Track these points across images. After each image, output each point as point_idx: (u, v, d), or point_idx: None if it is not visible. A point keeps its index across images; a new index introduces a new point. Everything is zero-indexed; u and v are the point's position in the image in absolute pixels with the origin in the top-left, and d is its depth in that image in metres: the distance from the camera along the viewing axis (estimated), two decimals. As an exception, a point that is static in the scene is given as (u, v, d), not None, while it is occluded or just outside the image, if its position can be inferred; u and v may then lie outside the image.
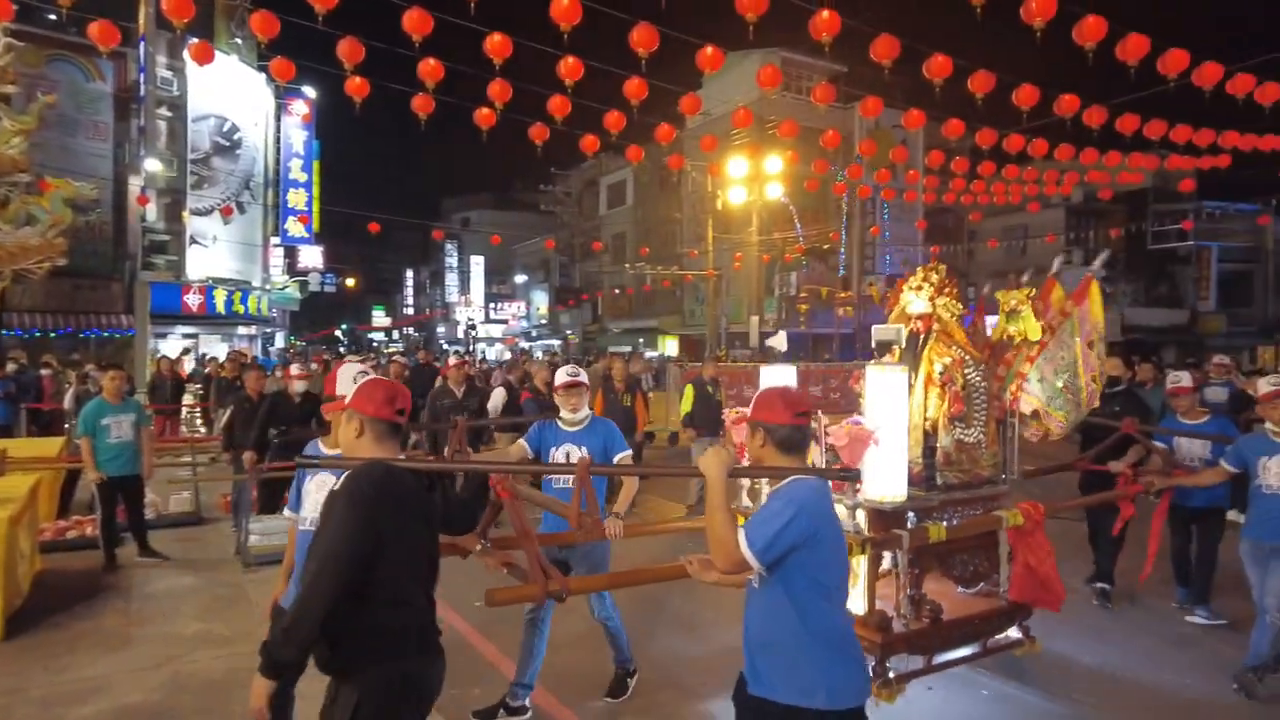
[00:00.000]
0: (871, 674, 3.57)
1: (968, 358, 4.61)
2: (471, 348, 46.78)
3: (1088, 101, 10.20)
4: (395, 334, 71.67)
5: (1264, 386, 4.86)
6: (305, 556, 2.60)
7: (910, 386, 4.30)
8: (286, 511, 3.58)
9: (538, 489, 4.59)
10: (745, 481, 4.61)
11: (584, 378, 4.61)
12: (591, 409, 4.81)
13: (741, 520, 2.62)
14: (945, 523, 4.36)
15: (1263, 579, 4.67)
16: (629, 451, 4.67)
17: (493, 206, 60.23)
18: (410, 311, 69.53)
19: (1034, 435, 4.95)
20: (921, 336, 4.65)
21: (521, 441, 4.53)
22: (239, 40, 25.51)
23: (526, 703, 4.31)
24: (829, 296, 31.15)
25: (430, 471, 2.77)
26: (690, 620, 5.86)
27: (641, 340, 39.13)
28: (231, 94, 25.37)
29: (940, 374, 4.52)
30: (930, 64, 8.40)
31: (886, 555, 4.30)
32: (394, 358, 16.91)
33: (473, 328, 50.90)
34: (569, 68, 8.35)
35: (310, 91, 28.74)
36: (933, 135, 17.05)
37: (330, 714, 2.46)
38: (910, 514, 4.22)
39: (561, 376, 4.56)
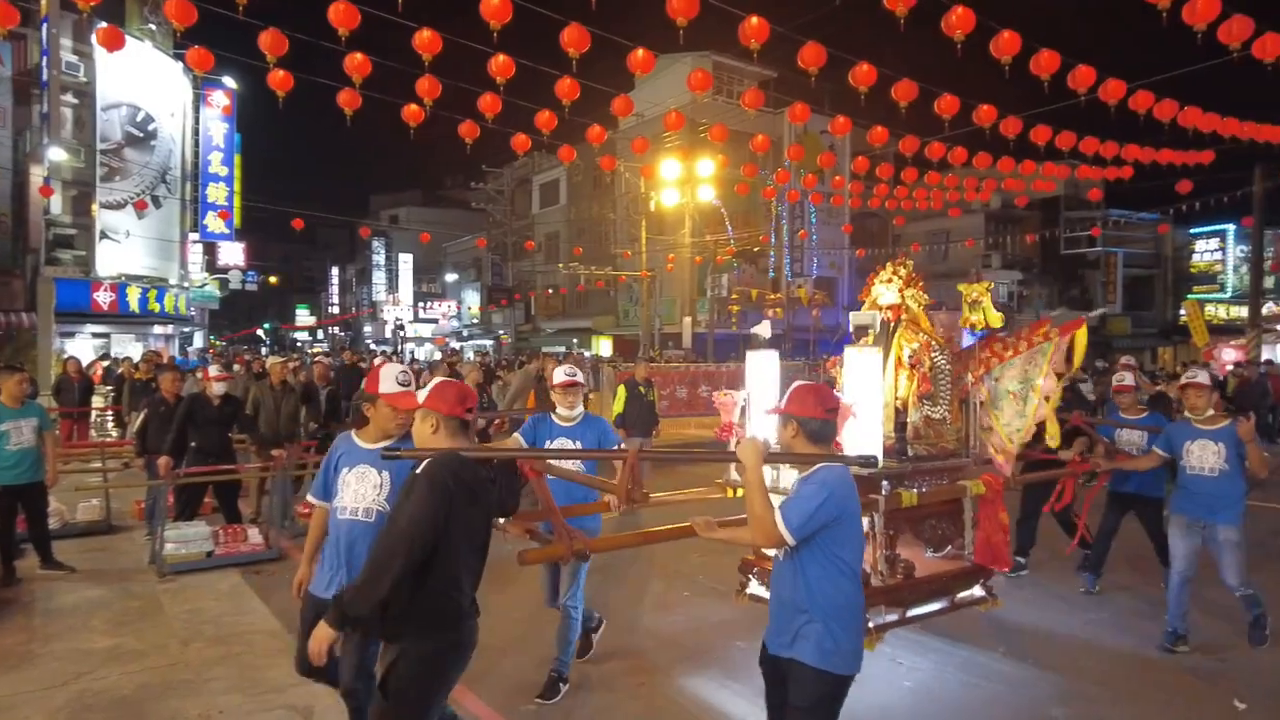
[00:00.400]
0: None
1: (934, 343, 5.08)
2: (400, 348, 45.84)
3: (1004, 112, 10.64)
4: (320, 333, 69.74)
5: (1184, 378, 5.45)
6: (350, 537, 3.29)
7: (883, 369, 4.80)
8: (312, 498, 3.71)
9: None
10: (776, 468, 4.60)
11: (580, 377, 4.82)
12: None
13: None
14: (915, 490, 4.75)
15: (1189, 551, 5.19)
16: (619, 440, 5.03)
17: (422, 204, 59.16)
18: (336, 310, 67.72)
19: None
20: (892, 324, 5.14)
21: (517, 435, 4.70)
22: (153, 26, 24.39)
23: (565, 675, 4.56)
24: (759, 298, 31.63)
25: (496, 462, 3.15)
26: (664, 600, 6.17)
27: (575, 340, 39.00)
28: (145, 82, 24.22)
29: (909, 357, 5.05)
30: (855, 72, 8.62)
31: (864, 519, 4.51)
32: (318, 358, 16.44)
33: (401, 327, 49.86)
34: (500, 66, 8.27)
35: (231, 83, 27.70)
36: (859, 141, 17.46)
37: (392, 676, 2.78)
38: (885, 481, 4.61)
39: (560, 376, 4.72)
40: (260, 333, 69.46)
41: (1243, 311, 25.05)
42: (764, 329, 5.70)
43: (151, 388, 9.93)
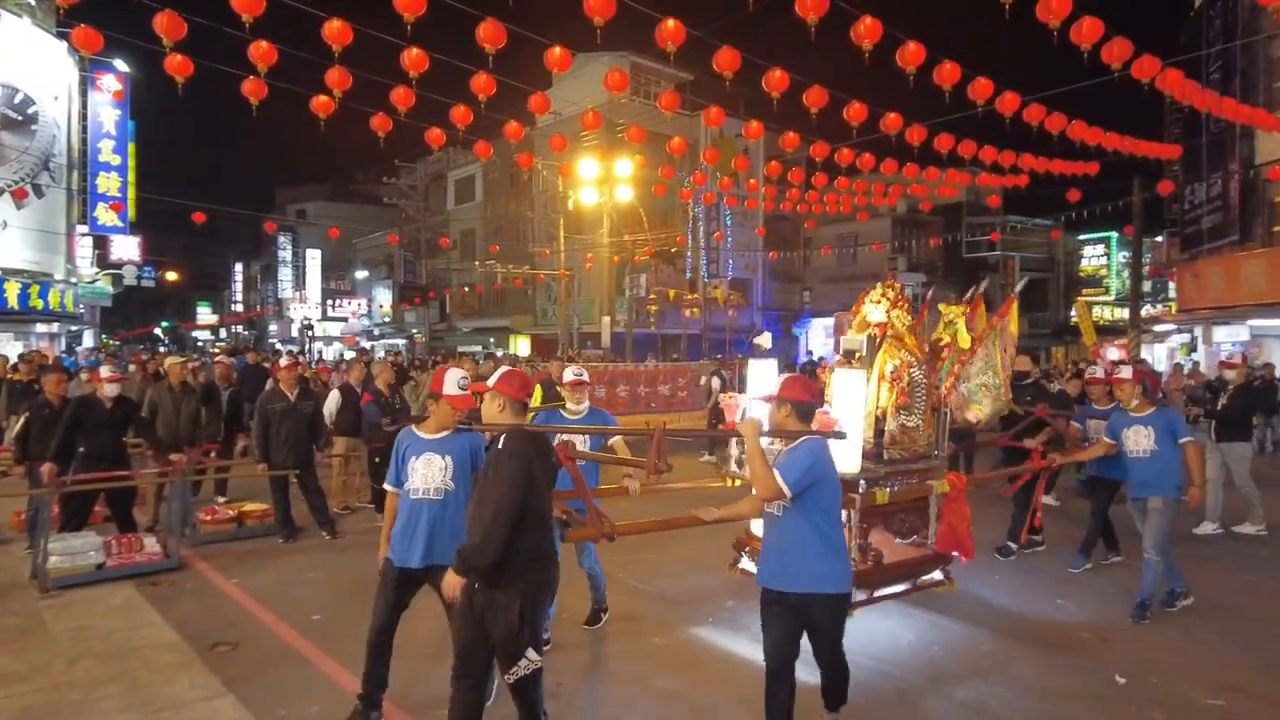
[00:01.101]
0: None
1: (913, 359, 5.73)
2: (307, 347, 44.27)
3: (909, 121, 11.05)
4: (223, 332, 66.73)
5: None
6: (423, 513, 3.92)
7: (867, 382, 5.55)
8: (387, 485, 4.18)
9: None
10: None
11: (586, 377, 5.50)
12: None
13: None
14: (888, 489, 5.48)
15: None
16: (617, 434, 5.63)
17: (331, 198, 57.28)
18: (240, 308, 64.94)
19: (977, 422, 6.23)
20: (878, 340, 5.75)
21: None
22: (32, 2, 22.81)
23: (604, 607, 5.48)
24: (677, 298, 31.93)
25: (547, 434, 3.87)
26: (659, 569, 6.86)
27: (493, 340, 38.49)
28: (24, 62, 22.57)
29: (891, 372, 5.67)
30: (769, 78, 8.80)
31: (842, 513, 4.90)
32: (218, 358, 15.69)
33: (309, 326, 48.15)
34: (413, 59, 8.11)
35: (124, 66, 26.12)
36: (772, 146, 17.90)
37: (493, 615, 3.36)
38: (862, 482, 5.28)
39: (569, 375, 5.38)
40: (158, 331, 65.95)
41: (1125, 313, 26.74)
42: (765, 340, 6.48)
43: (34, 390, 9.28)
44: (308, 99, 9.11)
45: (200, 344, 59.39)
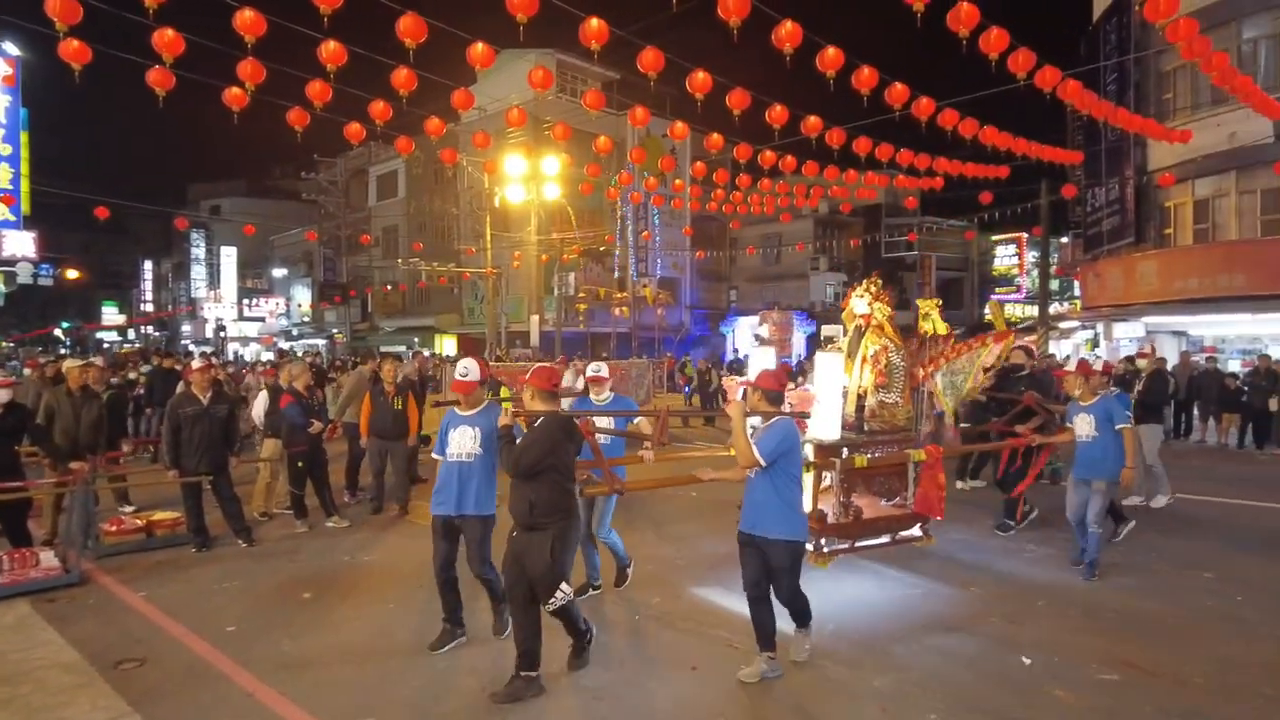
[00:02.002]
0: (811, 549, 6.10)
1: (892, 345, 6.74)
2: (222, 348, 42.55)
3: (829, 124, 11.31)
4: (131, 333, 63.54)
5: (1067, 365, 7.07)
6: (457, 472, 4.90)
7: (852, 363, 6.71)
8: (435, 454, 5.09)
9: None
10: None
11: (605, 372, 6.32)
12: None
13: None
14: (868, 455, 6.51)
15: (1078, 502, 6.52)
16: (640, 417, 6.67)
17: (248, 194, 55.26)
18: (149, 308, 61.93)
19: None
20: (863, 328, 6.77)
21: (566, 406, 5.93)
22: (-86, -18, 21.26)
23: (599, 581, 6.20)
24: (606, 296, 31.94)
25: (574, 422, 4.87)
26: (673, 534, 7.69)
27: (417, 339, 37.72)
28: (-97, 45, 21.10)
29: (872, 355, 6.69)
30: (692, 79, 8.88)
31: (827, 475, 6.53)
32: (91, 361, 14.81)
33: (222, 327, 46.26)
34: (330, 53, 7.89)
35: (13, 49, 24.59)
36: (698, 146, 18.06)
37: (530, 554, 4.37)
38: (844, 449, 6.39)
39: (590, 372, 6.31)
40: (58, 333, 62.32)
41: (1035, 310, 27.96)
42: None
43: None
44: (220, 90, 8.77)
45: (106, 346, 56.38)
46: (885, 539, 6.72)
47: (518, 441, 4.48)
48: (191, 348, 44.14)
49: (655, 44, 8.36)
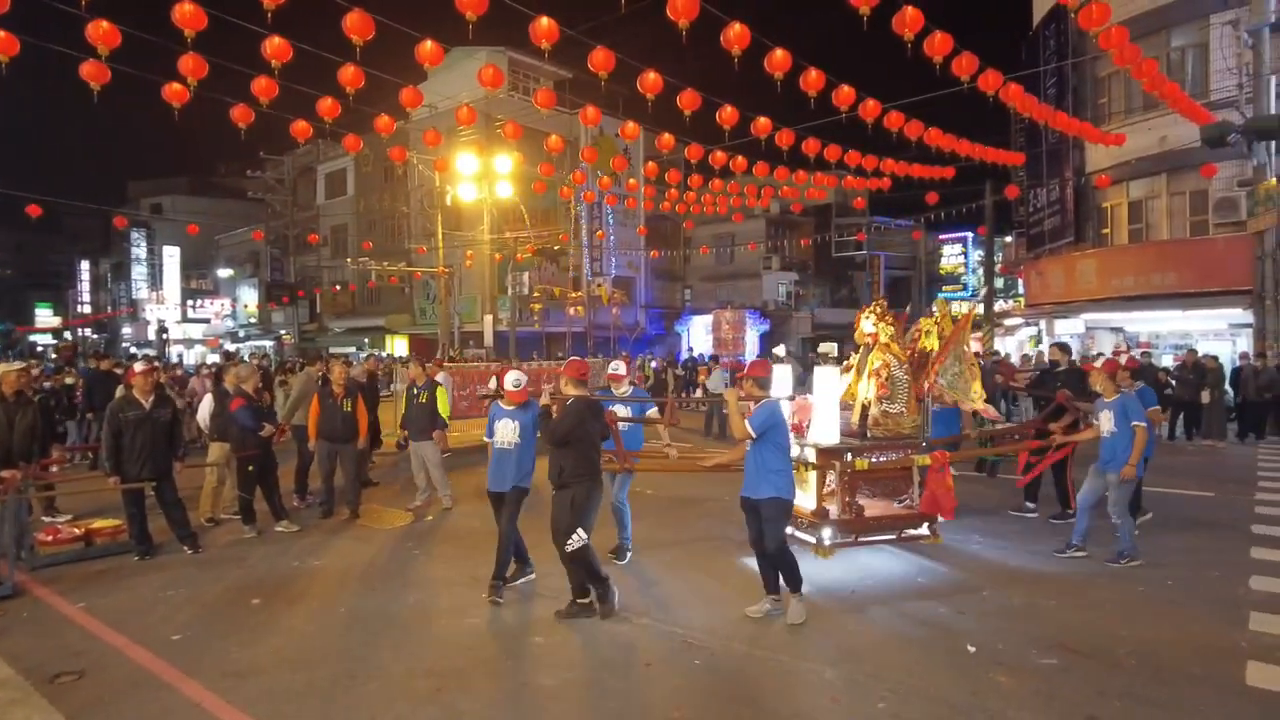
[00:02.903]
0: (815, 541, 6.97)
1: (895, 360, 7.42)
2: (165, 351, 41.31)
3: (778, 125, 11.46)
4: (68, 335, 61.26)
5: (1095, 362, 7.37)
6: (502, 456, 6.10)
7: (859, 376, 7.62)
8: (485, 437, 6.31)
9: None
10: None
11: (623, 370, 7.62)
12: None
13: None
14: (869, 459, 7.10)
15: (1092, 488, 6.96)
16: (654, 407, 7.90)
17: (190, 192, 53.71)
18: (87, 310, 59.82)
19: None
20: (870, 346, 7.58)
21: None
22: None
23: (629, 546, 7.13)
24: (561, 296, 31.83)
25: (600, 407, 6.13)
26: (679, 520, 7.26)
27: (367, 340, 37.16)
28: None
29: (876, 369, 7.40)
30: (643, 79, 8.93)
31: (832, 476, 7.04)
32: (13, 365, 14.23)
33: (164, 330, 44.83)
34: (275, 48, 7.76)
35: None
36: (651, 146, 18.15)
37: (557, 507, 5.58)
38: (847, 453, 7.04)
39: (610, 370, 7.52)
40: (-12, 335, 59.85)
41: (980, 308, 28.70)
42: (782, 350, 8.48)
43: None
44: (159, 86, 8.54)
45: (41, 349, 54.31)
46: (891, 535, 7.29)
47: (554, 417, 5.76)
48: (134, 350, 42.81)
49: (606, 43, 8.40)
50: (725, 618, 5.61)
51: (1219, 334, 18.50)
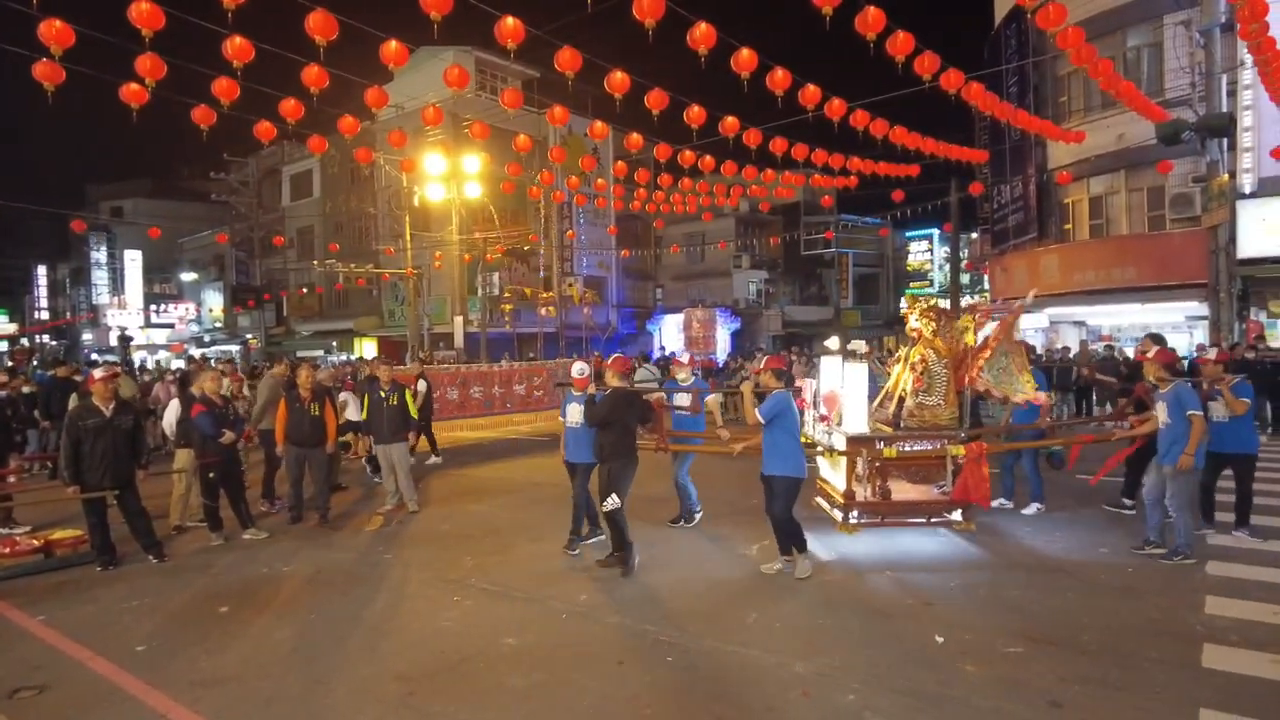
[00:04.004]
0: (841, 519, 7.58)
1: (934, 355, 7.79)
2: (127, 357, 40.46)
3: (746, 124, 11.53)
4: (25, 342, 59.71)
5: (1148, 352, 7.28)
6: (574, 434, 7.22)
7: (905, 369, 8.02)
8: (560, 417, 7.52)
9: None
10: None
11: (685, 359, 8.97)
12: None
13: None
14: (897, 448, 7.46)
15: (1155, 481, 6.90)
16: (708, 389, 8.87)
17: (153, 195, 52.63)
18: (45, 316, 58.42)
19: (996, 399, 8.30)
20: (915, 341, 7.97)
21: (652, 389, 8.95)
22: None
23: (696, 510, 8.30)
24: (532, 296, 31.68)
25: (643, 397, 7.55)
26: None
27: (335, 343, 36.71)
28: None
29: (914, 363, 7.86)
30: (610, 79, 8.93)
31: (861, 462, 7.45)
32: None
33: (128, 338, 43.85)
34: (237, 48, 7.65)
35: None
36: (620, 146, 18.18)
37: (601, 476, 6.76)
38: (879, 441, 7.47)
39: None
40: (-61, 344, 58.19)
41: (947, 304, 29.07)
42: (834, 342, 8.83)
43: None
44: (116, 86, 8.39)
45: (-4, 356, 52.94)
46: (920, 519, 7.69)
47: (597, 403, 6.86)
48: (94, 356, 41.89)
49: (573, 43, 8.39)
50: (697, 614, 5.65)
51: (1176, 326, 18.93)
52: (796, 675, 4.64)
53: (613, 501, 6.55)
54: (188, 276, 49.31)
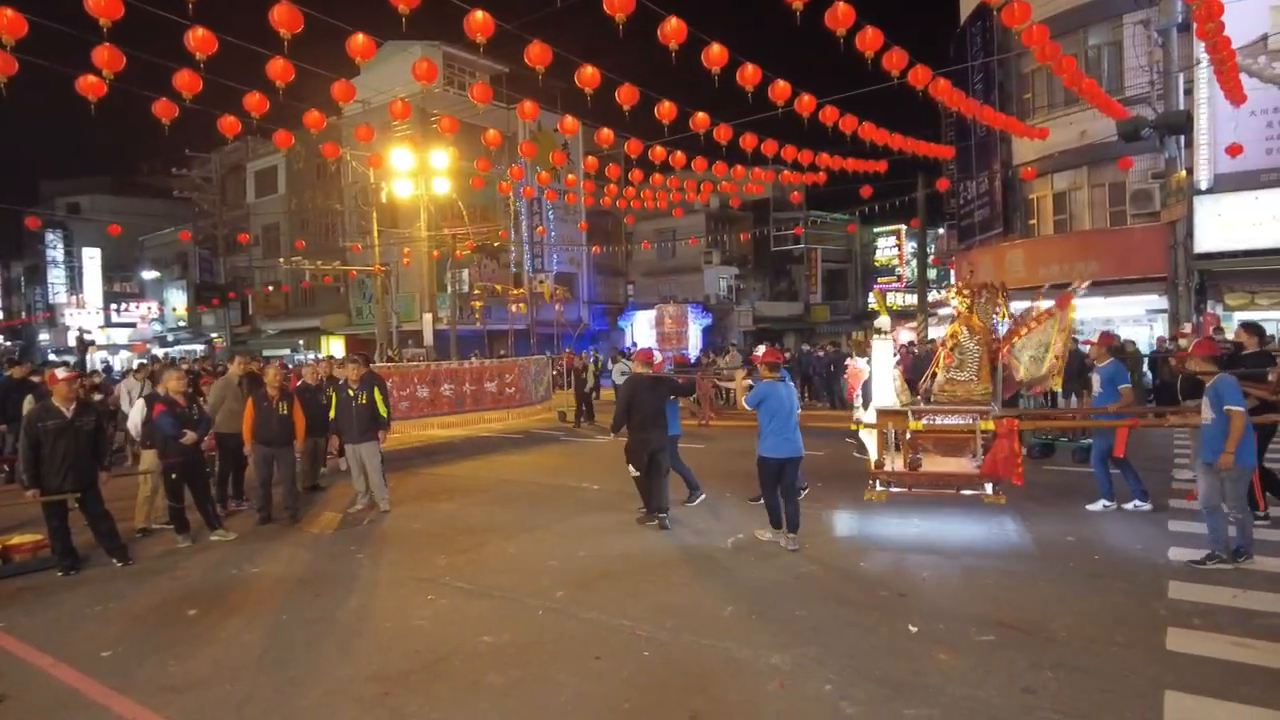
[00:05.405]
0: (870, 485, 8.23)
1: (965, 331, 8.23)
2: (86, 357, 39.48)
3: (716, 120, 11.55)
4: (-23, 343, 58.16)
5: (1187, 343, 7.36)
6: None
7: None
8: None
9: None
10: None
11: (659, 359, 9.38)
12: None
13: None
14: (928, 421, 7.97)
15: (1207, 486, 6.31)
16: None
17: (112, 191, 51.51)
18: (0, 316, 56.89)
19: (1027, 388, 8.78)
20: (959, 315, 8.42)
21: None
22: None
23: (700, 493, 8.94)
24: (503, 293, 31.48)
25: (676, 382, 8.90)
26: (574, 529, 7.30)
27: (302, 342, 36.23)
28: None
29: (944, 339, 8.37)
30: (580, 74, 8.90)
31: (888, 432, 8.24)
32: None
33: (89, 340, 42.72)
34: (199, 40, 7.50)
35: None
36: (590, 141, 18.10)
37: (627, 455, 8.06)
38: (909, 413, 7.97)
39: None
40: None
41: (915, 299, 29.41)
42: (885, 323, 8.88)
43: None
44: (73, 78, 8.18)
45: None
46: (950, 490, 8.03)
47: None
48: (52, 357, 40.88)
49: (542, 38, 8.34)
50: (673, 608, 5.66)
51: (1137, 319, 19.34)
52: (773, 667, 4.66)
53: (632, 471, 7.93)
54: (149, 275, 48.34)
